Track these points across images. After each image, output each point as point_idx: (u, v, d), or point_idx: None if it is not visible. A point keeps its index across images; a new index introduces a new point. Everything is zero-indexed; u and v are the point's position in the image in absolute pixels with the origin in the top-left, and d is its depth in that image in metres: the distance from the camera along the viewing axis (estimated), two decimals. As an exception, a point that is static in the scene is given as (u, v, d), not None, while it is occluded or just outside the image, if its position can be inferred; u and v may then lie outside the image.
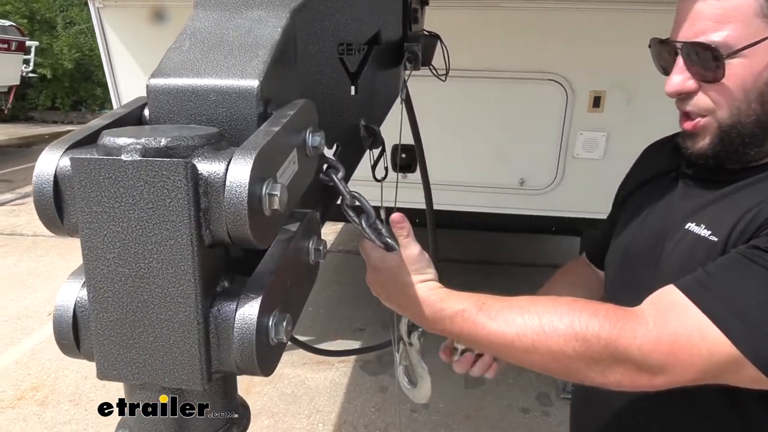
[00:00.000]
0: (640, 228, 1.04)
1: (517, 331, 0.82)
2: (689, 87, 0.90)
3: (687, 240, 0.92)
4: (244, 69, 0.64)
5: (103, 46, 2.92)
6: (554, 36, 2.67)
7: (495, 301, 0.86)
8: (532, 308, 0.83)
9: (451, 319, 0.86)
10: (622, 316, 0.80)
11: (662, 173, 1.06)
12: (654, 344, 0.77)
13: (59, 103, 14.41)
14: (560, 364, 0.81)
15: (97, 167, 0.50)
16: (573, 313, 0.80)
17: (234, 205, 0.51)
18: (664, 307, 0.80)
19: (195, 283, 0.53)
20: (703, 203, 0.93)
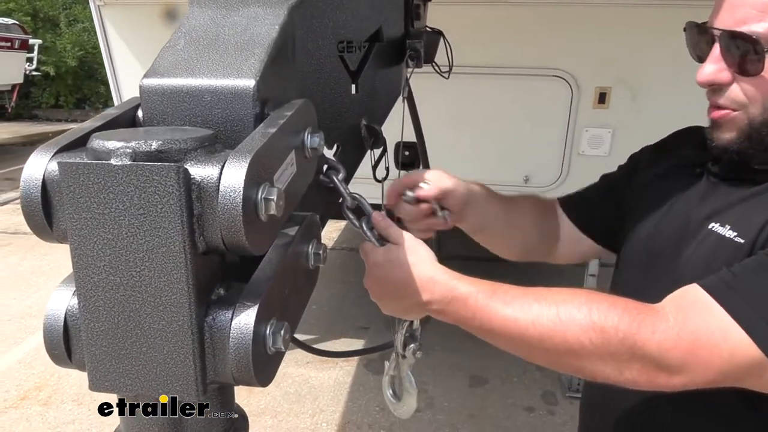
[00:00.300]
0: (661, 223, 1.01)
1: (532, 318, 0.78)
2: (723, 78, 0.85)
3: (710, 240, 0.89)
4: (239, 68, 0.62)
5: (104, 44, 2.90)
6: (559, 32, 2.64)
7: (510, 287, 0.83)
8: (549, 296, 0.80)
9: (464, 300, 0.82)
10: (642, 311, 0.77)
11: (686, 165, 1.01)
12: (674, 341, 0.74)
13: (63, 101, 14.43)
14: (575, 356, 0.78)
15: (86, 172, 0.48)
16: (592, 304, 0.77)
17: (228, 210, 0.49)
18: (686, 305, 0.78)
19: (189, 291, 0.51)
20: (728, 203, 0.90)
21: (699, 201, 0.95)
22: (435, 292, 0.83)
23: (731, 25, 0.82)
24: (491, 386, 3.30)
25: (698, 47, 0.90)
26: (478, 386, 3.29)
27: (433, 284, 0.83)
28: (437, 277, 0.83)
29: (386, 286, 0.87)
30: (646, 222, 1.03)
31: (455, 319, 0.84)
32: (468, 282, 0.83)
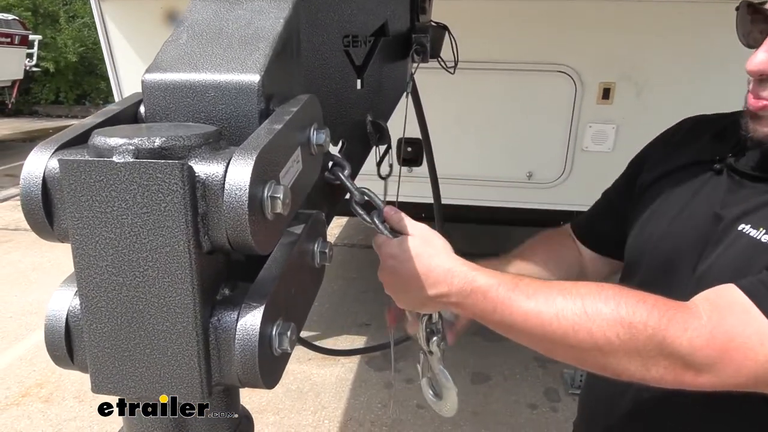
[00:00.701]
0: (675, 222, 0.95)
1: (556, 312, 0.74)
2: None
3: (741, 243, 0.84)
4: (244, 63, 0.60)
5: (104, 39, 2.88)
6: (563, 27, 2.62)
7: (532, 280, 0.80)
8: (574, 290, 0.76)
9: (484, 292, 0.78)
10: (673, 307, 0.74)
11: (701, 161, 0.96)
12: (706, 340, 0.71)
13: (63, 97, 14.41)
14: (600, 351, 0.74)
15: (87, 170, 0.47)
16: (619, 298, 0.74)
17: (234, 209, 0.48)
18: (722, 304, 0.74)
19: (193, 291, 0.50)
20: (759, 204, 0.85)
21: (723, 200, 0.90)
22: (453, 285, 0.79)
23: None
24: (494, 383, 3.29)
25: (750, 32, 0.83)
26: (481, 383, 3.28)
27: (452, 276, 0.79)
28: (455, 269, 0.80)
29: (401, 278, 0.83)
30: (658, 221, 0.98)
31: (474, 313, 0.80)
32: (488, 274, 0.79)
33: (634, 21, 2.56)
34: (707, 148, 0.96)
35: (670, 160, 1.02)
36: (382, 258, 0.84)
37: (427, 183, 1.49)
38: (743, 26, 0.85)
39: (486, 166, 2.97)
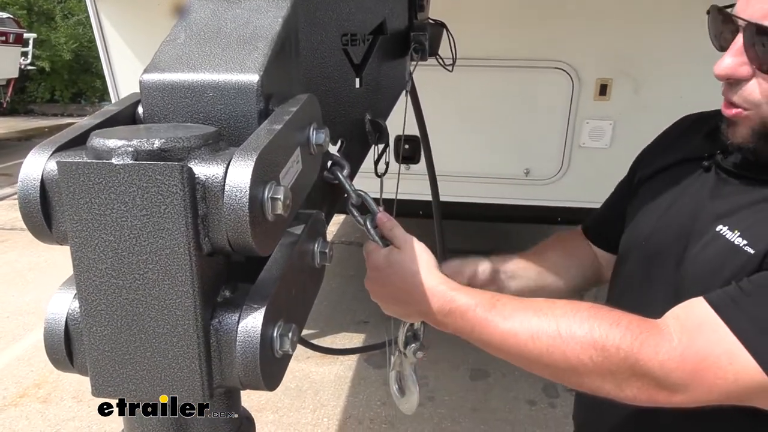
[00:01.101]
0: (663, 218, 0.97)
1: (531, 334, 0.77)
2: (741, 73, 0.79)
3: (718, 244, 0.85)
4: (243, 63, 0.60)
5: (100, 38, 2.87)
6: (560, 23, 2.61)
7: (510, 300, 0.82)
8: (550, 311, 0.78)
9: (462, 313, 0.81)
10: (645, 329, 0.75)
11: (693, 158, 0.97)
12: (677, 362, 0.73)
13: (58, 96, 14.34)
14: (574, 372, 0.77)
15: (86, 172, 0.47)
16: (593, 321, 0.76)
17: (234, 210, 0.48)
18: (692, 325, 0.75)
19: (194, 293, 0.49)
20: (739, 205, 0.86)
21: (707, 197, 0.91)
22: (433, 304, 0.83)
23: (760, 17, 0.75)
24: (493, 380, 3.29)
25: (720, 35, 0.84)
26: (480, 380, 3.29)
27: (432, 295, 0.82)
28: (435, 289, 0.82)
29: (386, 290, 0.87)
30: (649, 216, 0.99)
31: (454, 330, 0.84)
32: (467, 294, 0.82)
33: (631, 17, 2.56)
34: (700, 146, 0.97)
35: (666, 156, 1.04)
36: (368, 267, 0.87)
37: (424, 180, 1.48)
38: (713, 29, 0.86)
39: (483, 163, 2.96)
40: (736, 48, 0.79)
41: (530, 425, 2.99)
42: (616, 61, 2.66)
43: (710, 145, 0.94)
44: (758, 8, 0.76)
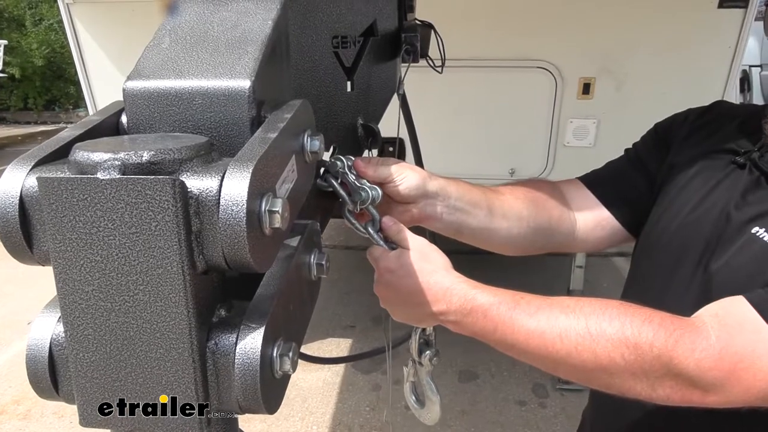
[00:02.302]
0: (694, 213, 0.92)
1: (559, 332, 0.73)
2: None
3: (755, 247, 0.81)
4: (233, 68, 0.57)
5: (74, 43, 2.80)
6: (542, 23, 2.62)
7: (533, 298, 0.77)
8: (578, 308, 0.74)
9: (485, 311, 0.76)
10: (680, 326, 0.72)
11: (728, 150, 0.92)
12: (714, 361, 0.70)
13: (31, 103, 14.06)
14: (604, 372, 0.73)
15: (69, 188, 0.43)
16: (624, 317, 0.72)
17: (231, 226, 0.45)
18: (732, 323, 0.72)
19: (188, 315, 0.46)
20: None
21: (741, 197, 0.87)
22: (452, 303, 0.78)
23: None
24: (482, 381, 3.28)
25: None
26: (469, 381, 3.27)
27: (450, 294, 0.78)
28: (454, 287, 0.78)
29: (399, 293, 0.81)
30: (677, 210, 0.94)
31: (473, 332, 0.78)
32: (488, 292, 0.78)
33: (613, 15, 2.57)
34: (732, 137, 0.92)
35: (695, 144, 0.98)
36: (378, 271, 0.82)
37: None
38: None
39: (469, 164, 2.95)
40: None
41: (521, 426, 2.98)
42: (599, 60, 2.67)
43: (745, 140, 0.90)
44: None
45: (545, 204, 1.03)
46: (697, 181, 0.94)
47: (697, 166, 0.95)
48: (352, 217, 0.78)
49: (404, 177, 0.83)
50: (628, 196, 1.04)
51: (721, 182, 0.91)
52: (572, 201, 1.07)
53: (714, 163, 0.93)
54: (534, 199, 1.02)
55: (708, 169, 0.93)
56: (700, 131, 1.00)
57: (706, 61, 2.06)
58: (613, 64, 2.65)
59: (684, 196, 0.95)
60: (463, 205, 0.91)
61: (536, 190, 1.04)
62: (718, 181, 0.91)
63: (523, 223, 0.99)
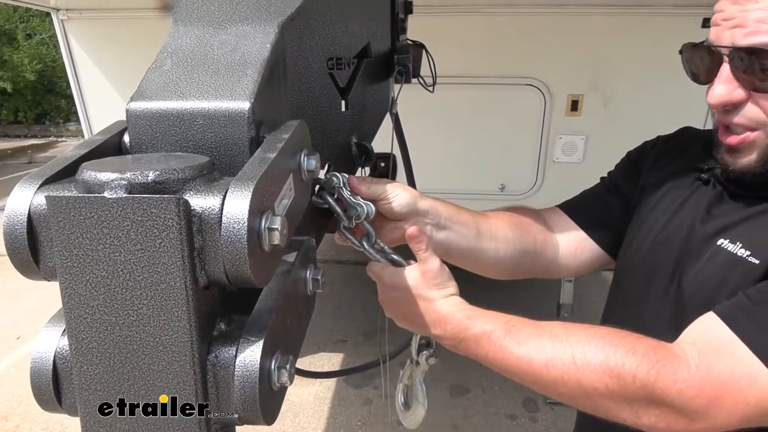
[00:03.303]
0: (663, 233, 0.96)
1: (546, 361, 0.77)
2: (737, 97, 0.80)
3: (719, 258, 0.85)
4: (233, 90, 0.59)
5: (68, 59, 2.82)
6: (531, 40, 2.67)
7: (524, 325, 0.81)
8: (565, 337, 0.78)
9: (477, 339, 0.81)
10: (663, 357, 0.74)
11: (693, 168, 0.96)
12: (697, 390, 0.72)
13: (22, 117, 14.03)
14: (590, 399, 0.76)
15: (77, 206, 0.45)
16: (608, 348, 0.75)
17: (232, 243, 0.47)
18: (709, 349, 0.74)
19: (191, 329, 0.48)
20: (738, 218, 0.86)
21: (705, 212, 0.91)
22: (447, 331, 0.82)
23: (739, 41, 0.77)
24: (473, 395, 3.29)
25: (700, 69, 0.85)
26: (460, 396, 3.28)
27: (446, 322, 0.82)
28: (450, 317, 0.82)
29: (401, 311, 0.87)
30: (649, 229, 0.98)
31: (467, 355, 0.83)
32: (482, 319, 0.82)
33: (600, 33, 2.63)
34: (697, 157, 0.97)
35: (663, 166, 1.03)
36: (381, 287, 0.86)
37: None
38: (692, 65, 0.87)
39: (459, 179, 2.99)
40: (724, 76, 0.80)
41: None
42: (587, 77, 2.72)
43: (709, 159, 0.93)
44: (737, 34, 0.78)
45: (530, 228, 1.07)
46: (666, 201, 0.98)
47: (666, 187, 0.99)
48: (348, 232, 0.80)
49: (396, 195, 0.86)
50: (605, 220, 1.09)
51: (687, 200, 0.95)
52: (554, 227, 1.11)
53: (681, 182, 0.97)
54: (519, 223, 1.06)
55: (675, 188, 0.98)
56: (667, 155, 1.05)
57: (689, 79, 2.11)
58: (601, 82, 2.70)
59: (654, 216, 0.99)
60: (452, 224, 0.95)
61: (521, 215, 1.09)
62: (685, 199, 0.95)
63: (510, 245, 1.03)
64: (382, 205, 0.85)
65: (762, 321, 0.73)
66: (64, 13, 2.67)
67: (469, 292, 0.86)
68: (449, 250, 0.95)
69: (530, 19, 2.62)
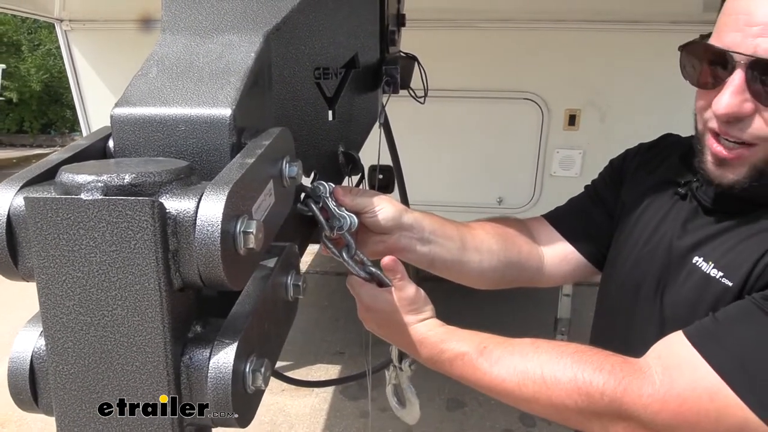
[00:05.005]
0: (643, 251, 0.96)
1: (518, 381, 0.79)
2: (747, 110, 0.75)
3: (695, 277, 0.85)
4: (215, 97, 0.60)
5: (71, 69, 2.85)
6: (529, 55, 2.69)
7: (496, 346, 0.83)
8: (535, 357, 0.80)
9: (451, 362, 0.84)
10: (629, 373, 0.76)
11: (670, 182, 0.96)
12: (660, 404, 0.74)
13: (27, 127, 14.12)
14: (561, 415, 0.79)
15: (54, 207, 0.46)
16: (577, 366, 0.77)
17: (206, 245, 0.47)
18: (672, 364, 0.76)
19: (164, 330, 0.49)
20: (711, 233, 0.86)
21: (681, 228, 0.91)
22: (422, 353, 0.85)
23: (761, 51, 0.72)
24: (469, 409, 3.27)
25: (705, 72, 0.80)
26: (456, 410, 3.26)
27: (421, 346, 0.85)
28: (426, 341, 0.85)
29: (378, 329, 0.89)
30: (632, 246, 0.99)
31: (444, 374, 0.86)
32: (455, 342, 0.84)
33: (598, 48, 2.65)
34: (675, 169, 0.97)
35: (644, 177, 1.03)
36: (361, 303, 0.87)
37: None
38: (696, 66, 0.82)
39: (457, 192, 3.00)
40: (736, 85, 0.75)
41: (508, 455, 2.96)
42: (584, 92, 2.74)
43: (686, 169, 0.93)
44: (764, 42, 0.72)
45: (515, 239, 1.08)
46: (647, 216, 0.98)
47: (646, 201, 0.99)
48: (330, 242, 0.81)
49: (381, 209, 0.87)
50: (589, 231, 1.09)
51: (667, 214, 0.95)
52: (539, 237, 1.11)
53: (660, 195, 0.97)
54: (504, 235, 1.07)
55: (655, 202, 0.98)
56: (646, 165, 1.04)
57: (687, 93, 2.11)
58: (598, 97, 2.72)
59: (637, 232, 0.99)
60: (437, 238, 0.96)
61: (506, 226, 1.09)
62: (665, 213, 0.96)
63: (494, 256, 1.03)
64: (367, 218, 0.86)
65: (725, 341, 0.75)
66: (67, 24, 2.71)
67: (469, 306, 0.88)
68: (433, 263, 0.97)
69: (529, 34, 2.64)
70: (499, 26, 2.63)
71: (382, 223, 0.87)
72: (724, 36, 0.77)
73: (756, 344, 0.73)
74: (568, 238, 1.10)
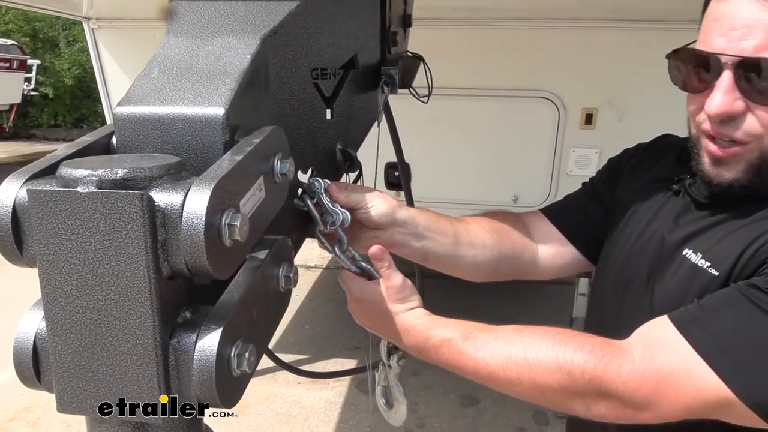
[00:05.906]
0: (636, 245, 0.98)
1: (502, 364, 0.81)
2: (738, 108, 0.78)
3: (684, 268, 0.87)
4: (210, 97, 0.64)
5: (97, 66, 2.94)
6: (546, 54, 2.68)
7: (481, 332, 0.86)
8: (518, 340, 0.82)
9: (436, 348, 0.86)
10: (609, 351, 0.78)
11: (665, 179, 0.99)
12: (639, 381, 0.76)
13: (61, 121, 14.46)
14: (544, 396, 0.80)
15: (53, 199, 0.50)
16: (558, 347, 0.80)
17: (191, 236, 0.51)
18: (653, 343, 0.78)
19: (153, 314, 0.52)
20: (701, 226, 0.88)
21: (675, 221, 0.93)
22: (409, 342, 0.88)
23: (746, 51, 0.75)
24: (483, 406, 3.28)
25: (694, 76, 0.83)
26: (470, 406, 3.28)
27: (408, 334, 0.87)
28: (412, 328, 0.87)
29: (367, 320, 0.92)
30: (625, 241, 1.01)
31: (431, 362, 0.88)
32: (441, 329, 0.86)
33: (615, 47, 2.63)
34: (670, 167, 0.99)
35: (639, 176, 1.05)
36: (350, 295, 0.91)
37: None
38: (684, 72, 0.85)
39: (473, 190, 3.01)
40: (725, 85, 0.78)
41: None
42: (601, 91, 2.72)
43: (681, 168, 0.96)
44: (744, 43, 0.76)
45: (509, 234, 1.10)
46: (640, 212, 1.00)
47: (640, 198, 1.01)
48: (323, 237, 0.84)
49: (374, 204, 0.90)
50: (585, 226, 1.11)
51: (660, 210, 0.97)
52: (534, 231, 1.13)
53: (654, 192, 0.99)
54: (498, 229, 1.09)
55: (649, 198, 1.00)
56: (643, 165, 1.07)
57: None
58: (616, 96, 2.70)
59: (630, 227, 1.01)
60: (430, 234, 0.98)
61: (500, 220, 1.11)
62: (658, 210, 0.97)
63: (488, 251, 1.06)
64: (361, 214, 0.89)
65: (708, 325, 0.76)
66: (94, 22, 2.79)
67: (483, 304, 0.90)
68: (427, 257, 0.99)
69: (546, 32, 2.64)
70: (516, 25, 2.63)
71: (376, 219, 0.90)
72: (710, 41, 0.80)
73: (737, 329, 0.75)
74: (564, 233, 1.12)
